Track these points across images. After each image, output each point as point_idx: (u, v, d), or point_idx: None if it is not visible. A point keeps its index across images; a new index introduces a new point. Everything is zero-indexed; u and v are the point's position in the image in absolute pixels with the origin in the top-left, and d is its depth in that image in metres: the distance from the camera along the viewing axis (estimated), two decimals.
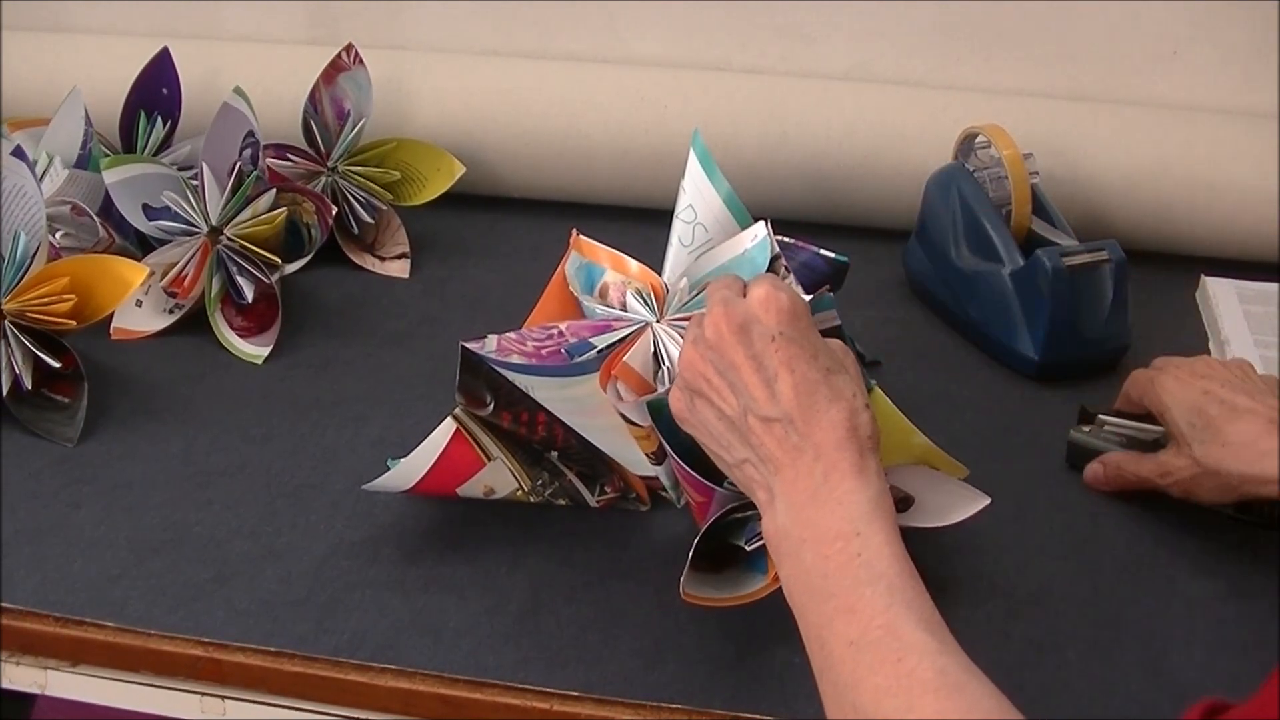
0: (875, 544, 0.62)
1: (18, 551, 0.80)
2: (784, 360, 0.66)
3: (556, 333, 0.76)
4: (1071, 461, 0.88)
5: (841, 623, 0.60)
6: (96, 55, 1.21)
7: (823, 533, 0.63)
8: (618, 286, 0.81)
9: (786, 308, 0.67)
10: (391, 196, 1.12)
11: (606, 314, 0.78)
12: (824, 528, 0.63)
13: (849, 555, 0.62)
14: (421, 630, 0.76)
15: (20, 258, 0.89)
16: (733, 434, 0.68)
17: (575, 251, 0.83)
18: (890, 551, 0.62)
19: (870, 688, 0.58)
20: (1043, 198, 1.04)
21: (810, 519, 0.64)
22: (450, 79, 1.18)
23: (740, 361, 0.66)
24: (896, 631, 0.59)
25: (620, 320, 0.78)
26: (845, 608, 0.61)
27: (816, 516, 0.64)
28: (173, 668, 0.76)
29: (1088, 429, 0.88)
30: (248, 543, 0.81)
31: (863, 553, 0.62)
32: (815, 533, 0.63)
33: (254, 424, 0.92)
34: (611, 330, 0.76)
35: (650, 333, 0.77)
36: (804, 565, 0.63)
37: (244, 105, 1.02)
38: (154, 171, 0.99)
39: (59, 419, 0.90)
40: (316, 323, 1.04)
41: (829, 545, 0.62)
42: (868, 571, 0.61)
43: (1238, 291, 1.06)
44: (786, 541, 0.65)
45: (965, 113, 1.10)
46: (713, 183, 0.82)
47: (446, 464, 0.77)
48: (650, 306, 0.78)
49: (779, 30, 1.21)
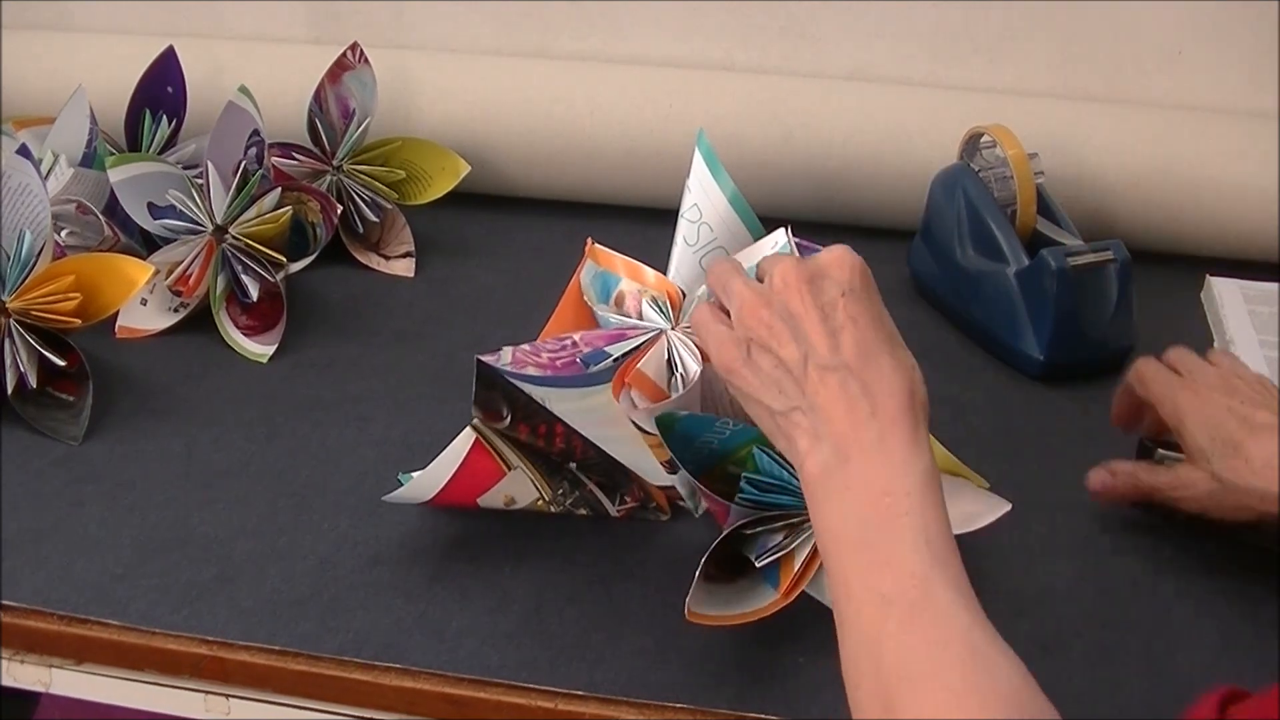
0: (925, 508, 0.60)
1: (22, 550, 0.80)
2: (851, 315, 0.64)
3: (571, 343, 0.76)
4: None
5: (876, 575, 0.58)
6: (101, 54, 1.21)
7: (872, 485, 0.61)
8: (634, 295, 0.80)
9: (859, 268, 0.66)
10: (396, 195, 1.12)
11: (621, 322, 0.78)
12: (874, 481, 0.61)
13: (897, 513, 0.60)
14: (425, 629, 0.76)
15: (25, 256, 0.89)
16: (788, 380, 0.65)
17: (591, 260, 0.82)
18: (939, 520, 0.60)
19: (896, 645, 0.56)
20: (1048, 198, 1.04)
21: (860, 471, 0.61)
22: (455, 78, 1.18)
23: (806, 310, 0.65)
24: (932, 596, 0.57)
25: (635, 328, 0.77)
26: (882, 561, 0.59)
27: (867, 470, 0.61)
28: (176, 666, 0.76)
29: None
30: (252, 542, 0.82)
31: (910, 513, 0.60)
32: (863, 483, 0.61)
33: (258, 423, 0.92)
34: (626, 339, 0.76)
35: (665, 340, 0.76)
36: (845, 510, 0.61)
37: (249, 104, 1.02)
38: (159, 170, 0.99)
39: (63, 417, 0.90)
40: (321, 322, 1.04)
41: (877, 498, 0.60)
42: (913, 533, 0.59)
43: (1243, 292, 1.06)
44: (831, 481, 0.62)
45: (970, 112, 1.10)
46: (718, 182, 0.82)
47: (467, 474, 0.77)
48: (665, 314, 0.78)
49: (783, 30, 1.21)
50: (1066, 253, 0.96)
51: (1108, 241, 0.98)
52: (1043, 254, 0.96)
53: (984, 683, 0.55)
